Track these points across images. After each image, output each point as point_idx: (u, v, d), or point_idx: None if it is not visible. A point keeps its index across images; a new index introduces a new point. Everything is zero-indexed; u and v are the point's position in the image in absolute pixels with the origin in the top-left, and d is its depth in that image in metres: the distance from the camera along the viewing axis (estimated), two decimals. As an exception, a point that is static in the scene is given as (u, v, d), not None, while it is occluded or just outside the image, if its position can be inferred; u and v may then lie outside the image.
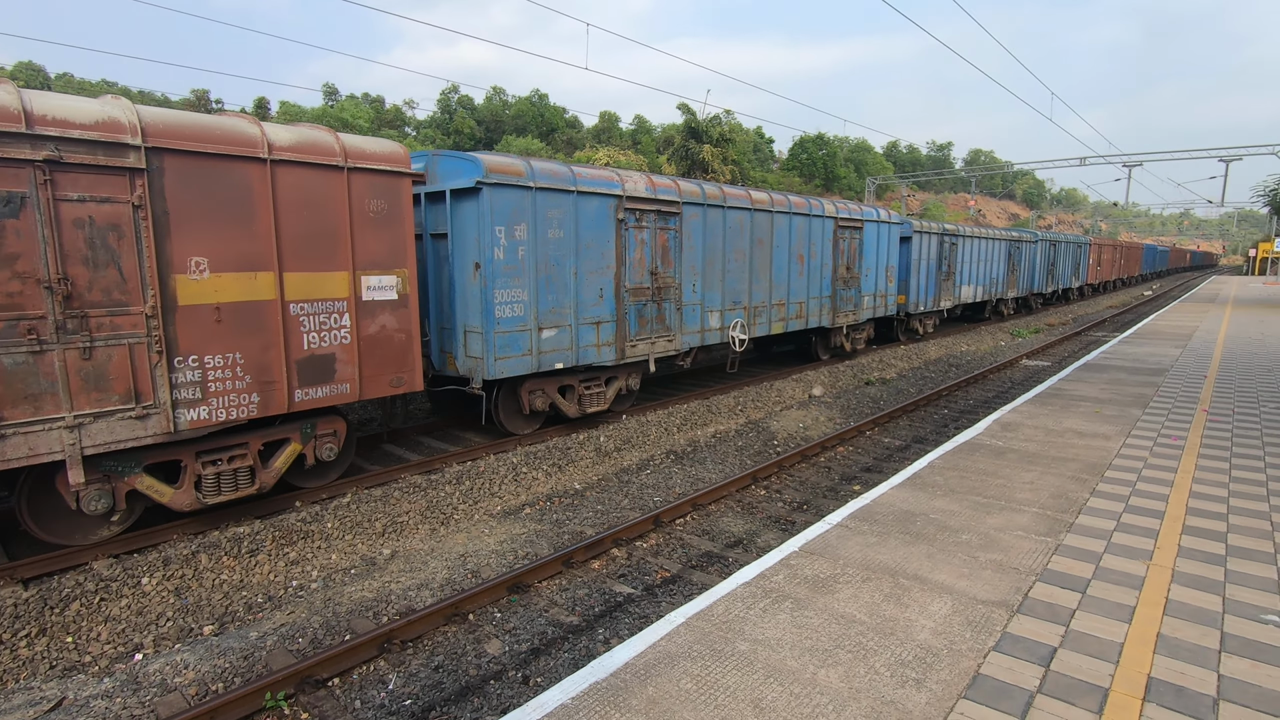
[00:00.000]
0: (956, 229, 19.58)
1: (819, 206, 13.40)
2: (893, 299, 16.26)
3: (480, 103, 76.58)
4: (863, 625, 3.41)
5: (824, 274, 13.66)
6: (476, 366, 8.10)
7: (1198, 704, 2.82)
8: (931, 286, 18.33)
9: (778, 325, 12.58)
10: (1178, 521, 4.79)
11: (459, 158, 8.03)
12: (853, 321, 14.77)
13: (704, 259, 10.66)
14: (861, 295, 14.99)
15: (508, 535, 6.73)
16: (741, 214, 11.42)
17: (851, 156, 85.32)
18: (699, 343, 10.87)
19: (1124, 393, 9.23)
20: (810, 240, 13.15)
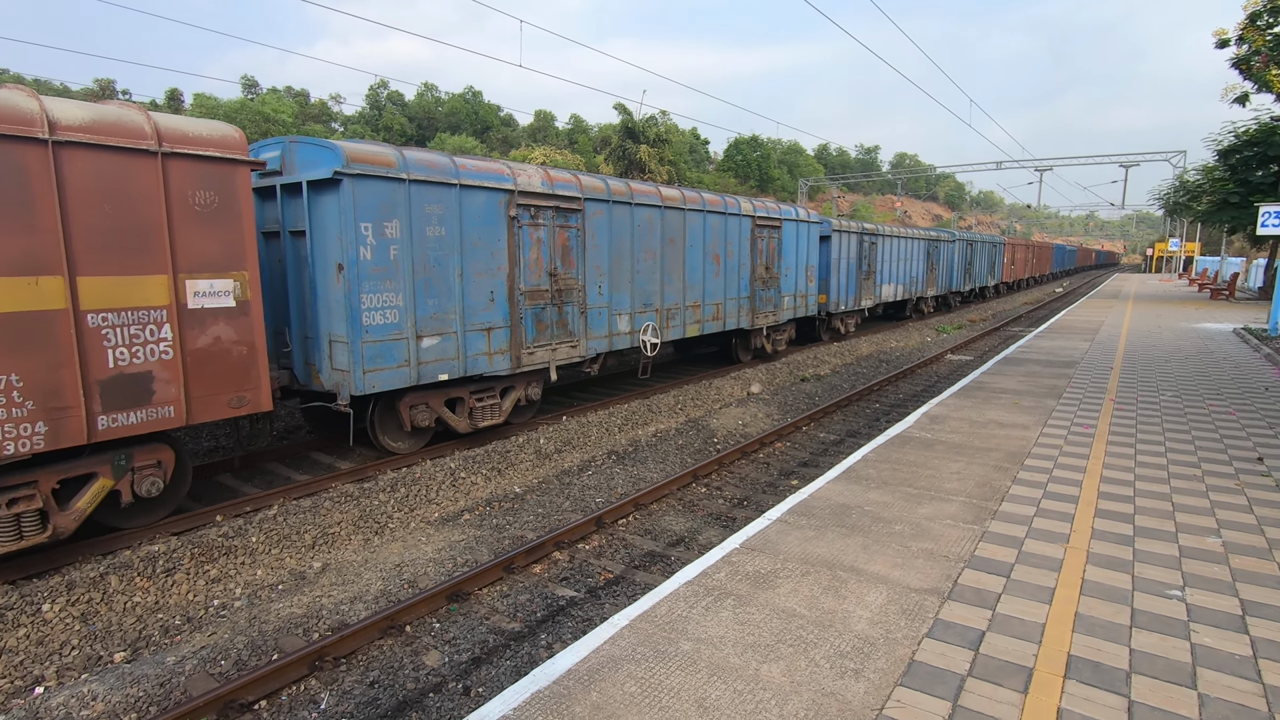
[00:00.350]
0: (876, 228, 19.81)
1: (735, 204, 13.06)
2: (813, 299, 16.16)
3: (411, 99, 74.60)
4: (803, 619, 3.47)
5: (742, 274, 13.33)
6: (343, 380, 7.24)
7: (1113, 678, 2.99)
8: (852, 286, 18.39)
9: (693, 328, 12.19)
10: (1091, 506, 5.08)
11: (315, 145, 7.19)
12: (773, 322, 14.54)
13: (611, 259, 10.13)
14: (782, 295, 14.74)
15: (446, 542, 6.56)
16: (651, 211, 10.94)
17: (784, 158, 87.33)
18: (607, 348, 10.31)
19: (1040, 384, 9.75)
20: (726, 239, 12.82)
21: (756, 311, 13.88)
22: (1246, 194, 25.64)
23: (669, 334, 11.55)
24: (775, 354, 15.27)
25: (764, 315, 14.15)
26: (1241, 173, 26.14)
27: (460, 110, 72.88)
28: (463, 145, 56.19)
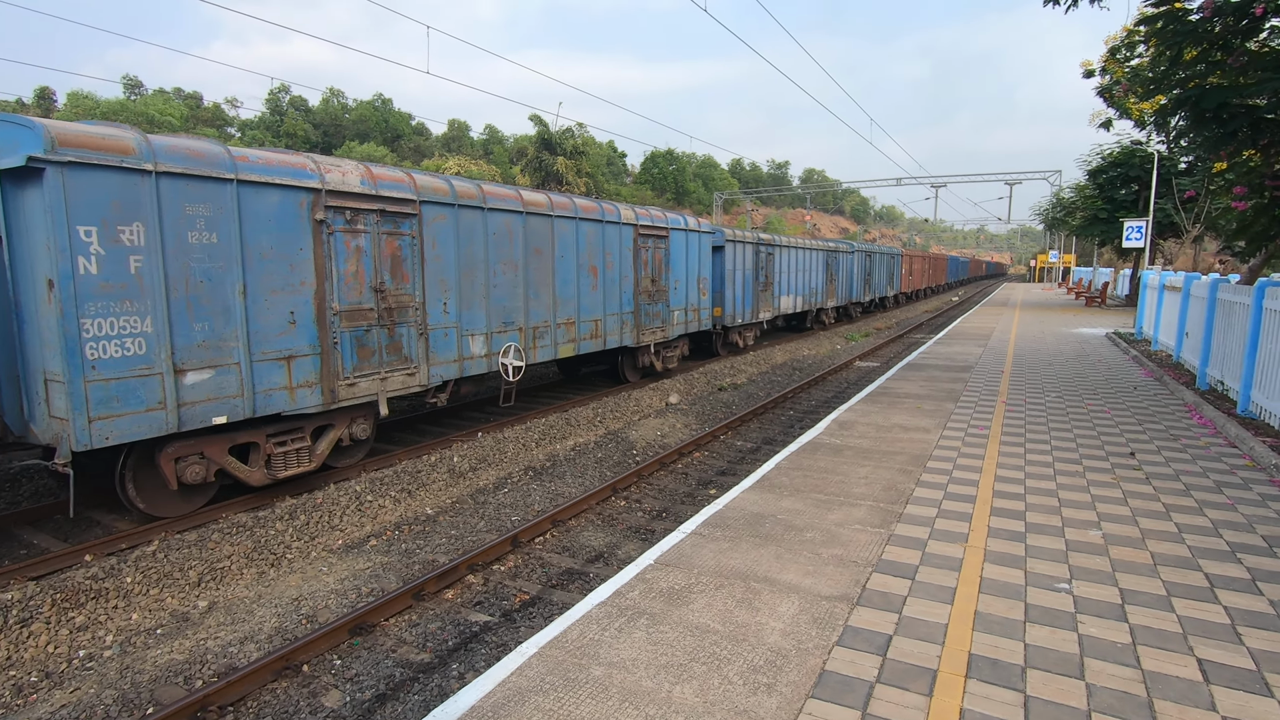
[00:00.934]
0: (773, 239, 19.41)
1: (614, 212, 12.03)
2: (707, 312, 15.43)
3: (316, 105, 71.51)
4: (717, 634, 3.43)
5: (624, 287, 12.30)
6: (62, 431, 5.56)
7: (1010, 674, 3.10)
8: (749, 298, 17.78)
9: (567, 348, 11.03)
10: (987, 504, 5.33)
11: (5, 122, 5.57)
12: (662, 339, 13.57)
13: (459, 272, 8.86)
14: (671, 310, 13.82)
15: (350, 571, 6.18)
16: (510, 218, 9.70)
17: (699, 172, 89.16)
18: (457, 374, 8.96)
19: (939, 388, 10.26)
20: (605, 250, 11.77)
21: (642, 328, 12.90)
22: (1113, 210, 28.17)
23: (537, 355, 10.38)
24: (667, 372, 14.31)
25: (651, 331, 13.19)
26: (1108, 191, 28.72)
27: (369, 118, 70.47)
28: (372, 154, 54.30)
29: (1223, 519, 5.02)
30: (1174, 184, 25.22)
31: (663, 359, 14.04)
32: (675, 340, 14.44)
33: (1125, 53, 22.71)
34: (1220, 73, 8.89)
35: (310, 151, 17.71)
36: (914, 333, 25.05)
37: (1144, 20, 9.51)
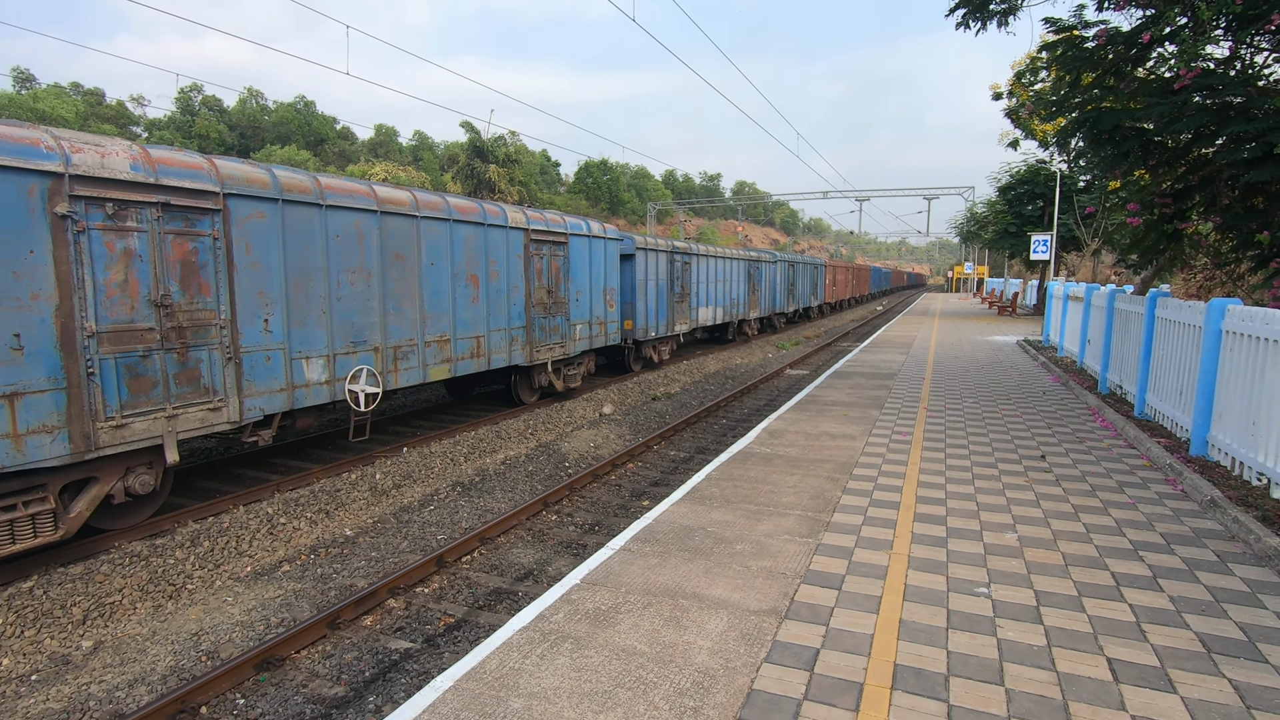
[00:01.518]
0: (689, 247, 18.59)
1: (498, 214, 10.77)
2: (615, 326, 14.29)
3: (233, 105, 68.21)
4: (643, 656, 3.32)
5: (514, 299, 11.06)
6: None
7: (933, 683, 3.11)
8: (664, 310, 16.78)
9: (439, 369, 9.64)
10: (910, 510, 5.43)
11: None
12: (562, 355, 12.40)
13: (288, 282, 7.42)
14: (572, 324, 12.67)
15: (258, 601, 5.78)
16: (360, 218, 8.30)
17: (634, 183, 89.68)
18: (285, 405, 7.44)
19: (865, 396, 10.52)
20: (489, 256, 10.50)
21: (537, 344, 11.67)
22: (1021, 225, 29.87)
23: (399, 379, 8.94)
24: (570, 392, 13.23)
25: (548, 348, 12.01)
26: (1016, 206, 30.45)
27: (291, 120, 67.69)
28: (293, 158, 52.10)
29: (1125, 518, 5.28)
30: (1075, 200, 26.96)
31: (564, 377, 12.80)
32: (578, 357, 13.23)
33: (1029, 77, 24.15)
34: (1113, 97, 9.51)
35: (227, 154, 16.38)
36: (841, 341, 25.79)
37: (1045, 47, 10.09)
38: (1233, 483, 5.87)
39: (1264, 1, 7.51)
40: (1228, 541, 4.80)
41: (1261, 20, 7.66)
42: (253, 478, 8.44)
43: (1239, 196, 8.80)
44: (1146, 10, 8.75)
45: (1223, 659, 3.32)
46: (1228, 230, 9.46)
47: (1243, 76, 8.46)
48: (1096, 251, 28.22)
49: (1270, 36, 8.36)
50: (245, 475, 8.61)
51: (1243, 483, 5.86)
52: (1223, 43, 8.61)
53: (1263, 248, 8.68)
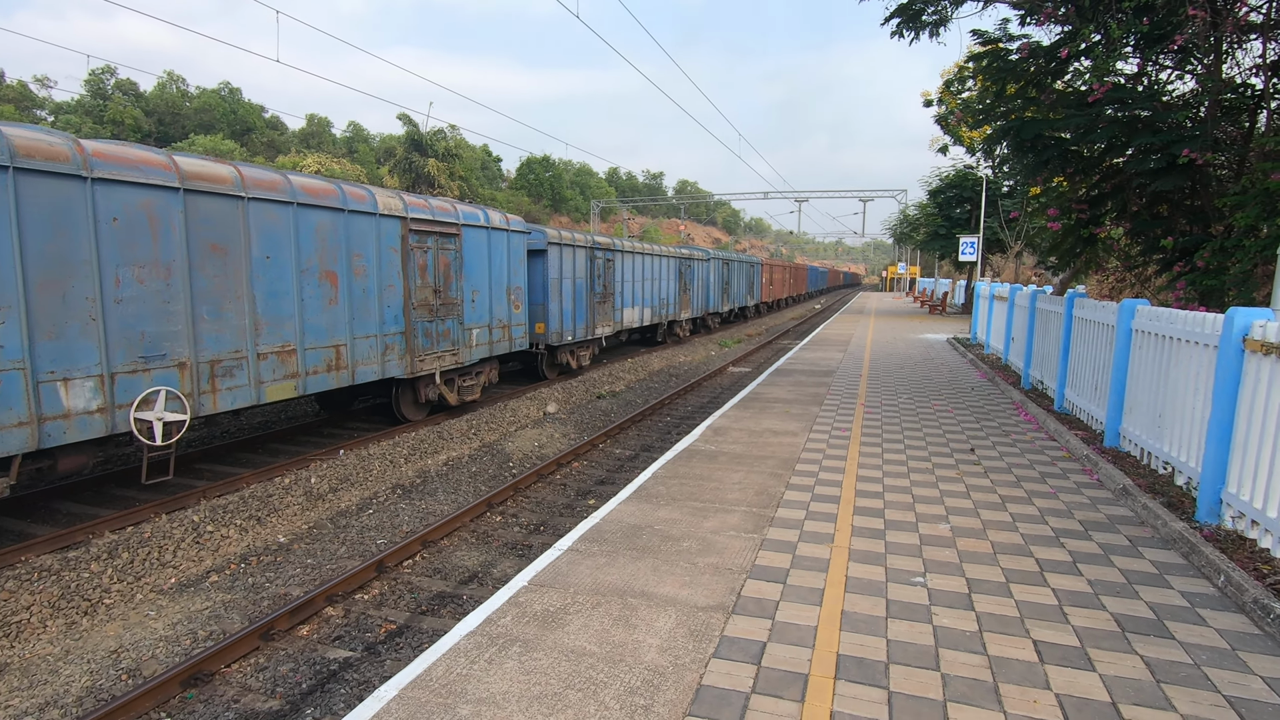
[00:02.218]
0: (612, 243, 17.26)
1: (365, 198, 9.04)
2: (522, 330, 12.88)
3: (150, 90, 64.44)
4: (593, 657, 3.32)
5: (388, 300, 9.40)
6: None
7: (874, 672, 3.22)
8: (582, 311, 15.40)
9: (281, 387, 7.89)
10: (850, 504, 5.60)
11: None
12: (454, 364, 10.88)
13: (25, 279, 5.62)
14: (467, 328, 11.13)
15: (184, 614, 5.49)
16: (150, 196, 6.51)
17: (576, 180, 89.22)
18: (29, 444, 5.63)
19: (806, 393, 10.78)
20: (352, 249, 8.80)
21: (421, 352, 10.02)
22: (950, 227, 31.17)
23: (222, 401, 7.25)
24: (466, 405, 11.79)
25: (435, 356, 10.37)
26: (946, 210, 31.77)
27: (216, 107, 64.41)
28: (218, 148, 49.61)
29: (1047, 507, 5.58)
30: (1000, 205, 28.30)
31: (459, 389, 11.32)
32: (476, 365, 11.76)
33: (958, 86, 25.21)
34: (1035, 107, 10.03)
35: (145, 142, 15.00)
36: (782, 339, 26.33)
37: (973, 57, 10.55)
38: (1142, 472, 6.28)
39: (1168, 23, 8.06)
40: (1138, 527, 5.13)
41: (1166, 40, 8.21)
42: (176, 484, 8.02)
43: (1146, 204, 9.42)
44: (1065, 26, 9.25)
45: (1135, 637, 3.55)
46: (1136, 235, 10.11)
47: (1149, 92, 9.05)
48: (1019, 254, 29.70)
49: (1173, 55, 8.97)
50: (168, 483, 8.17)
51: (1151, 471, 6.28)
52: (1132, 59, 9.19)
53: (1167, 252, 9.32)
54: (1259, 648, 3.45)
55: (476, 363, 11.75)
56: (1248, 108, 9.01)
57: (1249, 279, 7.53)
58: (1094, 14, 8.68)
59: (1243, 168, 8.67)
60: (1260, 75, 8.81)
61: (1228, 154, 8.81)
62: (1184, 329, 5.83)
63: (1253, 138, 8.77)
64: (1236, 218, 7.72)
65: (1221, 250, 7.95)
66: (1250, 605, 3.77)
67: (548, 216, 76.76)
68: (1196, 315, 5.68)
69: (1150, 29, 8.14)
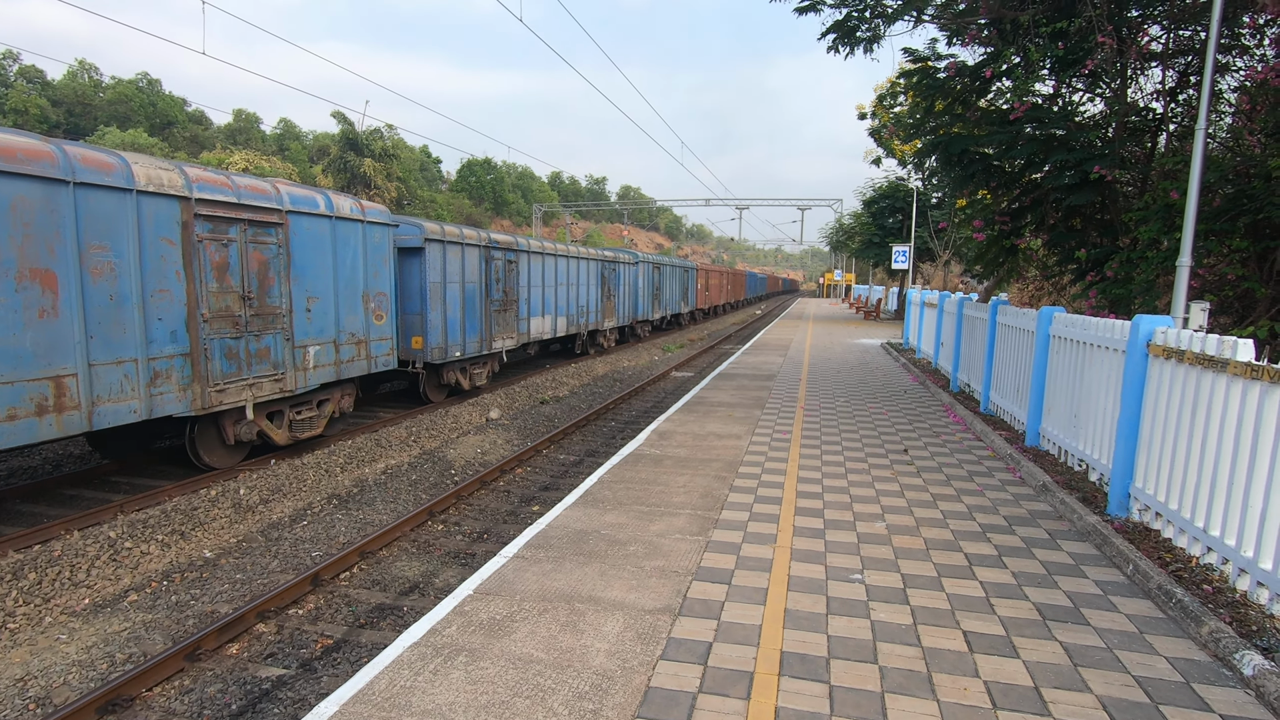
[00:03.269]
0: (515, 242, 15.08)
1: (115, 168, 6.65)
2: (388, 345, 10.57)
3: (60, 79, 60.61)
4: (541, 664, 3.30)
5: (157, 310, 7.04)
6: None
7: (816, 667, 3.32)
8: (474, 321, 13.15)
9: None
10: (792, 505, 5.74)
11: None
12: (279, 392, 8.51)
13: None
14: (299, 346, 8.75)
15: (100, 636, 5.17)
16: None
17: (518, 183, 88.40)
18: None
19: (748, 396, 10.98)
20: (88, 240, 6.42)
21: (216, 379, 7.65)
22: (884, 236, 32.37)
23: None
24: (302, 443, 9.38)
25: (245, 384, 8.03)
26: (879, 219, 32.99)
27: (132, 99, 60.98)
28: (135, 141, 46.95)
29: (975, 504, 5.86)
30: (929, 215, 29.55)
31: (290, 423, 8.98)
32: (315, 392, 9.34)
33: (890, 100, 26.23)
34: (961, 124, 10.54)
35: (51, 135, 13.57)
36: (724, 344, 26.73)
37: (903, 74, 11.01)
38: (1060, 469, 6.67)
39: (1080, 49, 8.62)
40: (1057, 521, 5.45)
41: (1078, 64, 8.77)
42: (90, 499, 7.56)
43: (1062, 217, 10.03)
44: (988, 48, 9.77)
45: (1055, 624, 3.77)
46: (1053, 246, 10.75)
47: (1064, 112, 9.65)
48: (947, 262, 31.08)
49: (1085, 79, 9.60)
50: (81, 496, 7.69)
51: (1068, 469, 6.68)
52: (1048, 81, 9.79)
53: (1080, 262, 9.94)
54: (1163, 630, 3.71)
55: (317, 389, 9.29)
56: (1150, 129, 9.71)
57: (1152, 288, 8.11)
58: (1014, 38, 9.20)
59: (1146, 185, 9.34)
60: (1160, 100, 9.52)
61: (1133, 172, 9.48)
62: (1096, 335, 6.23)
63: (1154, 157, 9.47)
64: (1140, 231, 8.31)
65: (1128, 261, 8.54)
66: (1155, 591, 4.06)
67: (489, 220, 75.73)
68: (1107, 322, 6.08)
69: (1064, 54, 8.70)
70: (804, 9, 10.46)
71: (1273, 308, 7.45)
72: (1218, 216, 7.59)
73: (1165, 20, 9.22)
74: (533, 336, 16.07)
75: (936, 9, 10.00)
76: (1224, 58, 8.87)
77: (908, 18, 10.15)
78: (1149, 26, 9.53)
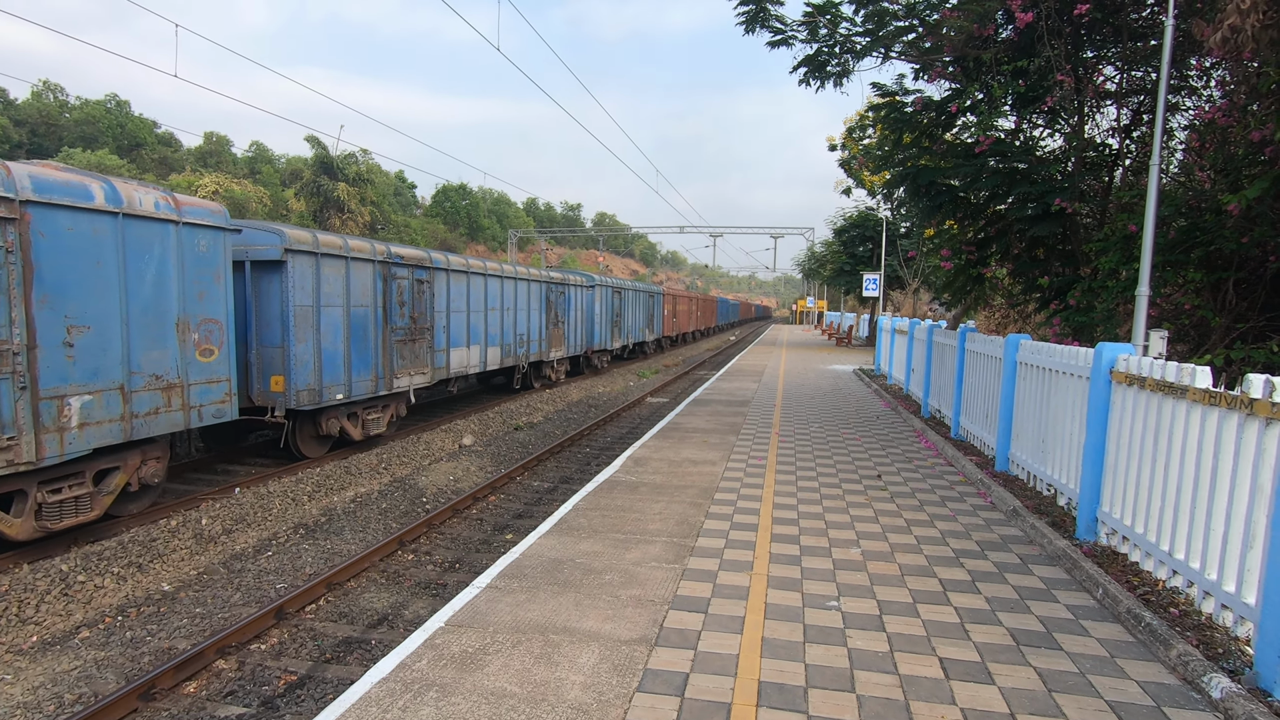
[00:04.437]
0: (426, 257, 12.33)
1: None
2: (221, 389, 8.12)
3: (24, 99, 59.56)
4: (514, 698, 3.22)
5: None
6: None
7: (794, 697, 3.28)
8: (366, 355, 10.61)
9: None
10: (768, 531, 5.73)
11: None
12: (8, 467, 5.90)
13: None
14: (51, 397, 6.24)
15: (48, 675, 4.93)
16: None
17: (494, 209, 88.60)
18: None
19: (723, 422, 11.00)
20: None
21: None
22: (854, 264, 32.98)
23: None
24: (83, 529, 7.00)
25: None
26: (850, 248, 33.63)
27: (100, 120, 60.06)
28: (102, 163, 46.11)
29: (948, 529, 5.90)
30: (899, 244, 30.21)
31: (46, 507, 6.46)
32: (83, 461, 6.76)
33: (859, 132, 26.94)
34: (928, 156, 10.85)
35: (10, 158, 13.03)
36: (699, 369, 26.83)
37: (872, 107, 11.32)
38: (1029, 494, 6.77)
39: (1040, 86, 8.96)
40: (1027, 545, 5.51)
41: (1038, 101, 9.12)
42: (42, 530, 7.23)
43: (1026, 247, 10.32)
44: (954, 84, 10.11)
45: (1028, 649, 3.79)
46: (1018, 275, 11.04)
47: (1025, 146, 9.99)
48: (917, 290, 31.72)
49: (1045, 115, 9.97)
50: (32, 527, 7.36)
51: (1037, 493, 6.78)
52: (1010, 116, 10.14)
53: (1044, 290, 10.21)
54: (1133, 654, 3.75)
55: (86, 456, 6.71)
56: (1107, 164, 10.10)
57: (1113, 316, 8.36)
58: (978, 74, 9.55)
59: (1104, 217, 9.68)
60: (1116, 136, 9.92)
61: (1092, 205, 9.83)
62: (1061, 362, 6.38)
63: (1111, 191, 9.83)
64: (1100, 262, 8.59)
65: (1090, 290, 8.80)
66: (1124, 615, 4.11)
67: (464, 245, 75.59)
68: (1071, 350, 6.24)
69: (1025, 90, 9.04)
70: (776, 43, 10.75)
71: (1227, 336, 7.71)
72: (1173, 248, 7.87)
73: (1119, 61, 9.65)
74: (454, 371, 13.45)
75: (904, 45, 10.34)
76: (1174, 98, 9.30)
77: (876, 54, 10.48)
78: (1104, 67, 9.97)
